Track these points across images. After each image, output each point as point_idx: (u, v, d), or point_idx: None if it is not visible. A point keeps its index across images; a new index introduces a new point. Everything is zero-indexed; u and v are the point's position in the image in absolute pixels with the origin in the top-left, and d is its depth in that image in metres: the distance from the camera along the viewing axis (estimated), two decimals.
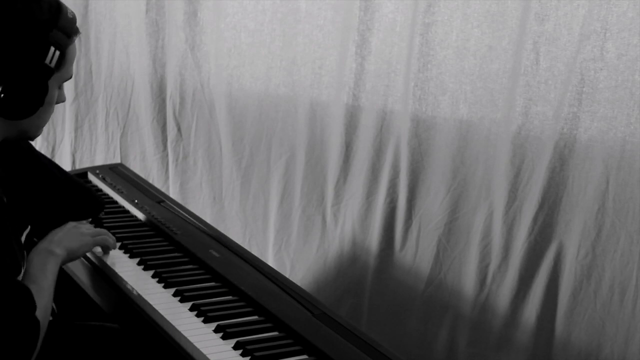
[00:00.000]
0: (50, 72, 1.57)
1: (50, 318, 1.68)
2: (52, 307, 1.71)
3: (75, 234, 1.79)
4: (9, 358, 1.48)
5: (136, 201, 2.26)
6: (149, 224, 2.14)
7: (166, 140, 3.20)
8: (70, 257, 1.77)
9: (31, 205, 1.85)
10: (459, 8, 2.47)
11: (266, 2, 2.86)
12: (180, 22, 3.03)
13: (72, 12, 1.63)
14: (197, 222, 2.16)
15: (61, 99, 1.68)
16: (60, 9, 1.60)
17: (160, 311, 1.68)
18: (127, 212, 2.24)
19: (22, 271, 1.64)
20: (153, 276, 1.84)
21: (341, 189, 2.80)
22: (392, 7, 2.60)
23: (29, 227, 1.81)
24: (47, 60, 1.55)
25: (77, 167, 3.43)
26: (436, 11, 2.50)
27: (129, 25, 3.20)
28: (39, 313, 1.55)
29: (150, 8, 3.12)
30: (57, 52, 1.56)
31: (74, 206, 2.01)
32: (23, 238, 1.73)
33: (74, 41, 1.63)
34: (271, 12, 2.86)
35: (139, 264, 1.90)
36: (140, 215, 2.19)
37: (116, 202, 2.29)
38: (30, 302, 1.53)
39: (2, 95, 1.53)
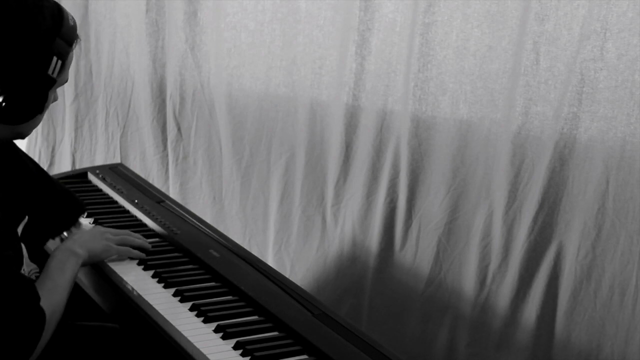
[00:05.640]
0: (52, 82, 1.58)
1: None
2: None
3: (100, 238, 1.85)
4: (10, 349, 1.48)
5: (136, 201, 2.26)
6: (149, 224, 2.14)
7: (166, 140, 3.20)
8: (92, 259, 1.82)
9: (22, 201, 1.84)
10: (459, 8, 2.47)
11: (266, 2, 2.86)
12: (180, 22, 3.03)
13: (72, 18, 1.63)
14: (197, 222, 2.16)
15: (54, 100, 1.68)
16: (62, 15, 1.59)
17: (160, 311, 1.68)
18: (127, 212, 2.24)
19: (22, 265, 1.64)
20: (153, 276, 1.84)
21: (341, 189, 2.80)
22: (392, 7, 2.60)
23: (26, 217, 1.81)
24: (50, 71, 1.55)
25: (77, 167, 3.43)
26: (436, 11, 2.50)
27: (129, 25, 3.20)
28: (48, 308, 1.56)
29: (150, 8, 3.12)
30: (59, 62, 1.56)
31: (52, 210, 1.94)
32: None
33: (74, 49, 1.63)
34: (271, 12, 2.86)
35: (139, 264, 1.90)
36: (140, 216, 2.19)
37: (116, 202, 2.29)
38: (32, 293, 1.53)
39: (3, 104, 1.53)
